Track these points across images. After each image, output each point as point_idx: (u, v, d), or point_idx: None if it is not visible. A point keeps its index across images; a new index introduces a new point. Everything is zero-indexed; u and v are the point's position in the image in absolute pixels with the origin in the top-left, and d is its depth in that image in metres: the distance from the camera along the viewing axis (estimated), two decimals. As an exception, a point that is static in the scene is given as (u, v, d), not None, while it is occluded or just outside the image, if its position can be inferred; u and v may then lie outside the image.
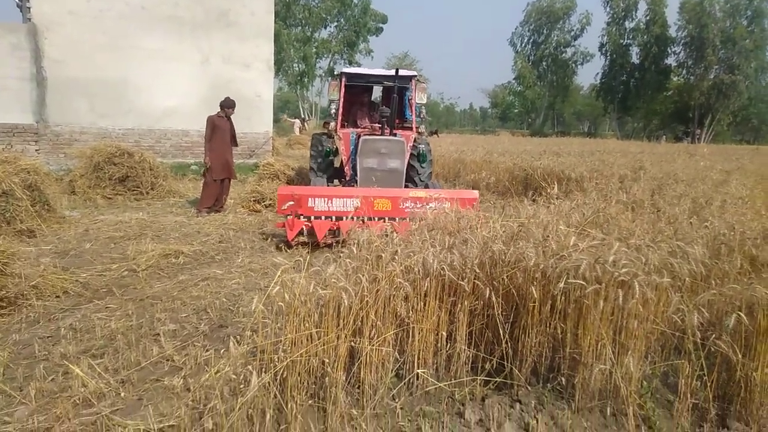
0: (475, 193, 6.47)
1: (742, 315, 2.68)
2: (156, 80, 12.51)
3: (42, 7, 11.41)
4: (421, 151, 8.25)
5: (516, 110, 70.47)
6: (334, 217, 6.09)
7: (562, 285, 2.74)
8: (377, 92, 10.40)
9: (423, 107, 8.92)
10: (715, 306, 3.21)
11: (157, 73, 12.48)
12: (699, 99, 46.85)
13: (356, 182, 7.61)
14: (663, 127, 54.16)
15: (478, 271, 3.05)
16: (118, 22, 12.05)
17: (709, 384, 2.82)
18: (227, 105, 8.23)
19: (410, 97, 8.94)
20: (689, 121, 49.63)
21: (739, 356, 2.82)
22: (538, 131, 55.10)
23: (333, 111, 8.51)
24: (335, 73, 9.91)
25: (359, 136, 7.69)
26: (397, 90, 7.78)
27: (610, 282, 2.73)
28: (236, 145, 8.64)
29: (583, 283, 2.68)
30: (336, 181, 8.71)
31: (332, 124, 8.31)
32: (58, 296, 4.31)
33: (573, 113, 73.61)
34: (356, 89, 8.98)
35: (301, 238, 6.10)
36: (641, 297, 2.71)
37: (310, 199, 6.08)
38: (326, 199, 6.12)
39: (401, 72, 8.03)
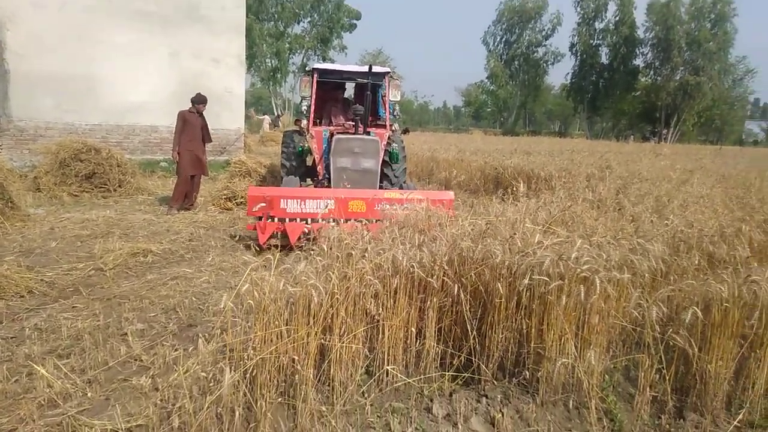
0: (451, 194, 6.38)
1: (697, 310, 2.79)
2: (124, 75, 12.25)
3: (2, -2, 11.06)
4: (394, 150, 8.03)
5: (489, 109, 71.13)
6: (309, 220, 5.95)
7: (526, 281, 2.81)
8: (350, 90, 10.17)
9: (397, 105, 8.68)
10: (674, 301, 3.34)
11: (125, 67, 12.22)
12: (665, 99, 48.21)
13: (329, 182, 7.40)
14: (631, 127, 55.49)
15: (446, 268, 3.12)
16: (84, 15, 11.75)
17: (667, 377, 2.92)
18: (198, 101, 8.12)
19: (384, 95, 8.69)
20: (656, 122, 50.98)
21: (696, 350, 2.93)
22: (510, 130, 55.79)
23: (305, 108, 8.26)
24: (307, 69, 9.47)
25: (332, 135, 7.46)
26: (371, 87, 7.56)
27: (573, 278, 2.82)
28: (210, 140, 8.51)
29: (547, 279, 2.76)
30: (308, 181, 8.46)
31: (304, 121, 8.03)
32: (22, 296, 4.22)
33: (544, 113, 74.78)
34: (329, 86, 8.68)
35: (273, 241, 5.96)
36: (602, 292, 2.81)
37: (282, 200, 5.92)
38: (299, 200, 5.95)
39: (375, 68, 7.83)
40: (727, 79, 50.16)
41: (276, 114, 35.63)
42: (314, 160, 8.20)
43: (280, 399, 2.68)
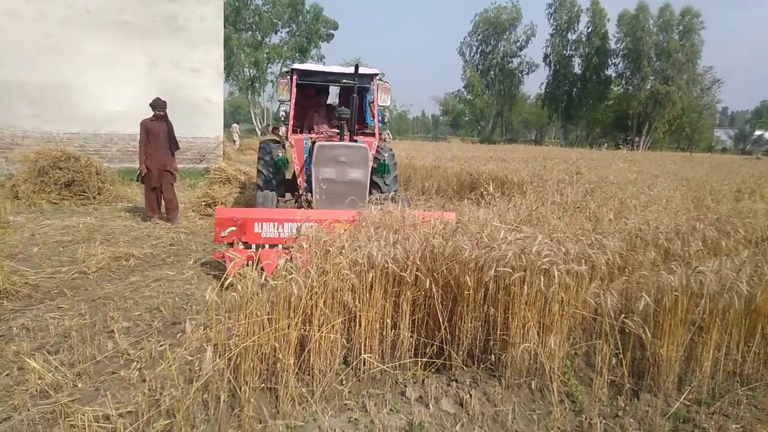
0: (453, 215, 4.98)
1: (647, 298, 3.04)
2: (102, 84, 12.31)
3: (-22, 7, 11.06)
4: (384, 161, 7.19)
5: (466, 118, 72.00)
6: (289, 245, 4.69)
7: (492, 272, 3.04)
8: (333, 97, 9.39)
9: (386, 110, 7.81)
10: (631, 292, 3.60)
11: (103, 77, 12.29)
12: (637, 108, 49.51)
13: (312, 196, 6.61)
14: (605, 135, 56.76)
15: (419, 263, 3.32)
16: (61, 25, 11.81)
17: (624, 362, 3.17)
18: (156, 106, 7.77)
19: (371, 100, 7.88)
20: (628, 130, 52.23)
21: (649, 335, 3.19)
22: (487, 138, 56.69)
23: (283, 114, 7.26)
24: (285, 69, 7.91)
25: (314, 143, 6.69)
26: (357, 91, 6.74)
27: (534, 270, 3.05)
28: (177, 148, 8.15)
29: (510, 270, 2.99)
30: (288, 195, 7.67)
31: (282, 128, 7.13)
32: (7, 297, 4.31)
33: (520, 121, 75.97)
34: (310, 90, 7.85)
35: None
36: (561, 283, 3.04)
37: (256, 224, 5.12)
38: (276, 223, 5.16)
39: (362, 69, 6.95)
40: (695, 88, 51.71)
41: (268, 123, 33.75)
42: (294, 171, 7.42)
43: (262, 385, 2.85)
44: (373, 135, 7.49)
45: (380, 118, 7.69)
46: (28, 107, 11.63)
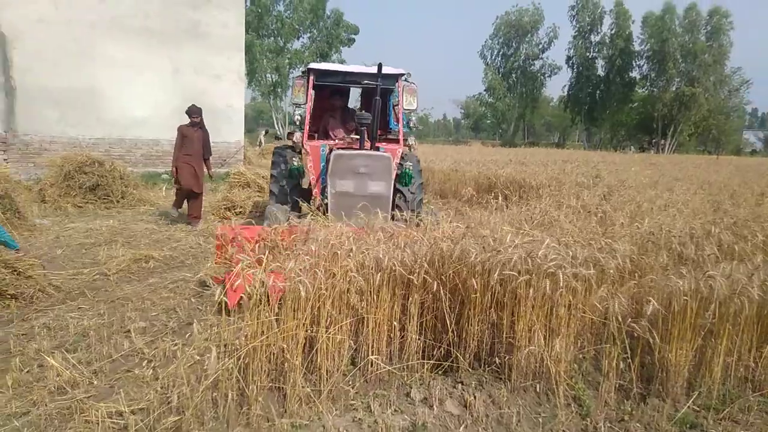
0: None
1: (655, 302, 3.02)
2: (126, 90, 12.61)
3: (9, 15, 11.39)
4: (408, 170, 6.43)
5: (488, 121, 71.63)
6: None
7: (497, 275, 3.06)
8: (354, 101, 8.58)
9: (413, 114, 7.05)
10: (640, 296, 3.57)
11: (127, 82, 12.59)
12: (662, 110, 48.67)
13: (326, 210, 5.94)
14: (629, 138, 55.90)
15: (427, 266, 3.35)
16: (88, 31, 12.12)
17: (632, 366, 3.16)
18: (191, 112, 7.94)
19: (396, 102, 7.28)
20: (653, 132, 51.36)
21: (657, 340, 3.17)
22: (509, 141, 56.35)
23: (298, 118, 6.71)
24: (302, 70, 7.49)
25: (331, 150, 6.14)
26: (380, 92, 6.13)
27: (540, 273, 3.06)
28: (210, 154, 8.23)
29: (516, 274, 3.01)
30: (305, 207, 6.59)
31: (297, 134, 6.52)
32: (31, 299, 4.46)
33: (543, 124, 75.35)
34: (328, 92, 7.33)
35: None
36: (568, 287, 3.05)
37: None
38: None
39: (385, 69, 6.32)
40: (723, 89, 50.63)
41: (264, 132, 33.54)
42: (311, 181, 6.70)
43: (270, 385, 2.92)
44: (397, 141, 6.84)
45: (405, 123, 7.00)
46: (55, 113, 11.95)
